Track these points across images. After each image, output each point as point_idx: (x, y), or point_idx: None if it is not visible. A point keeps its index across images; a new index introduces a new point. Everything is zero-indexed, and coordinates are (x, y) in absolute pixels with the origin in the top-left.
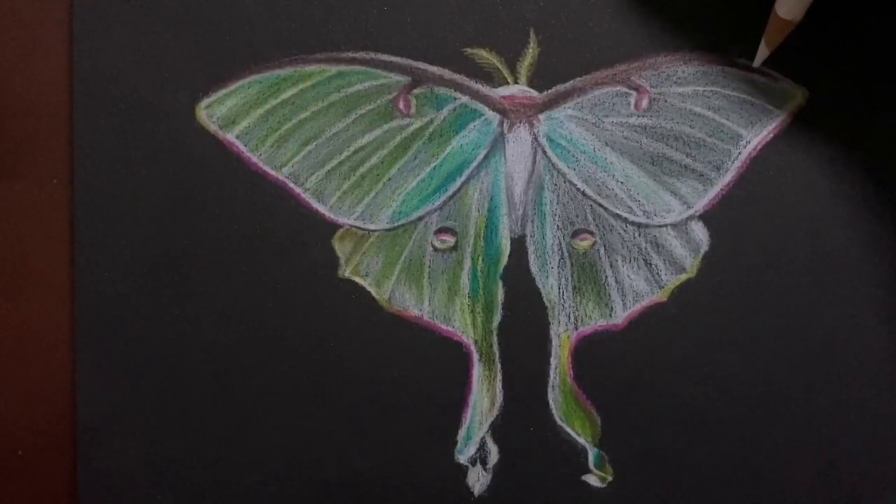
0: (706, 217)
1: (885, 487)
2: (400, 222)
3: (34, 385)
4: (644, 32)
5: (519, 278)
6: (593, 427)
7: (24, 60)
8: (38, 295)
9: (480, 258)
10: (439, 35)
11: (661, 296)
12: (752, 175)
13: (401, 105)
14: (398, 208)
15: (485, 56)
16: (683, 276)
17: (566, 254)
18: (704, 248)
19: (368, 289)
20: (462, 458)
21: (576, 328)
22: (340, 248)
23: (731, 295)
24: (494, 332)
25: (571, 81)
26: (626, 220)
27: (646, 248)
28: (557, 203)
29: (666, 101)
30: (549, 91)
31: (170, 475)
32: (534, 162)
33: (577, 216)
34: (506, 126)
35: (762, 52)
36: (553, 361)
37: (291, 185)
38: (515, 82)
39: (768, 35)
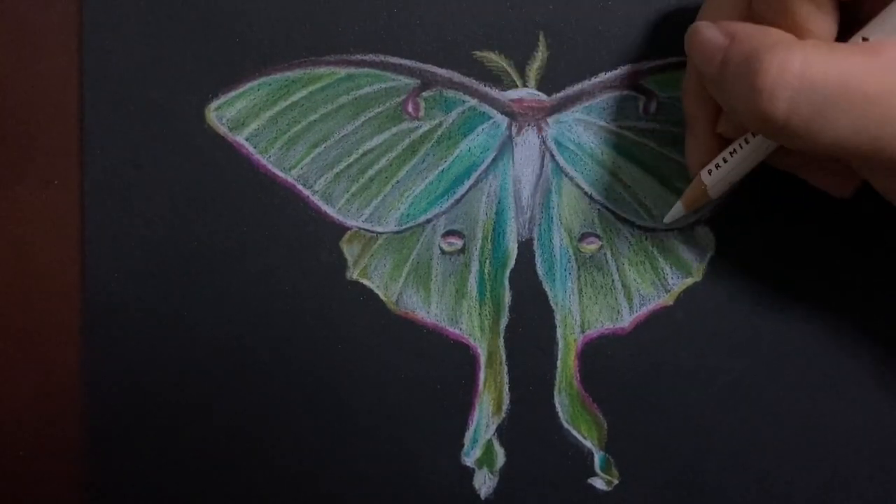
0: (713, 222)
1: (890, 492)
2: (408, 225)
3: (42, 388)
4: (653, 36)
5: (526, 281)
6: (599, 430)
7: (30, 63)
8: (44, 297)
9: (488, 261)
10: (448, 38)
11: (667, 300)
12: (758, 180)
13: (410, 108)
14: (406, 211)
15: (494, 59)
16: (690, 281)
17: (573, 257)
18: (711, 252)
19: (376, 291)
20: (468, 461)
21: (582, 332)
22: (348, 250)
23: (737, 299)
24: (501, 335)
25: (580, 85)
26: (633, 224)
27: (652, 252)
28: (565, 207)
29: (675, 105)
30: (558, 94)
31: (178, 476)
32: (542, 165)
33: (585, 220)
34: (514, 129)
35: (676, 211)
36: (559, 364)
37: (300, 187)
38: (524, 85)
39: (688, 200)
